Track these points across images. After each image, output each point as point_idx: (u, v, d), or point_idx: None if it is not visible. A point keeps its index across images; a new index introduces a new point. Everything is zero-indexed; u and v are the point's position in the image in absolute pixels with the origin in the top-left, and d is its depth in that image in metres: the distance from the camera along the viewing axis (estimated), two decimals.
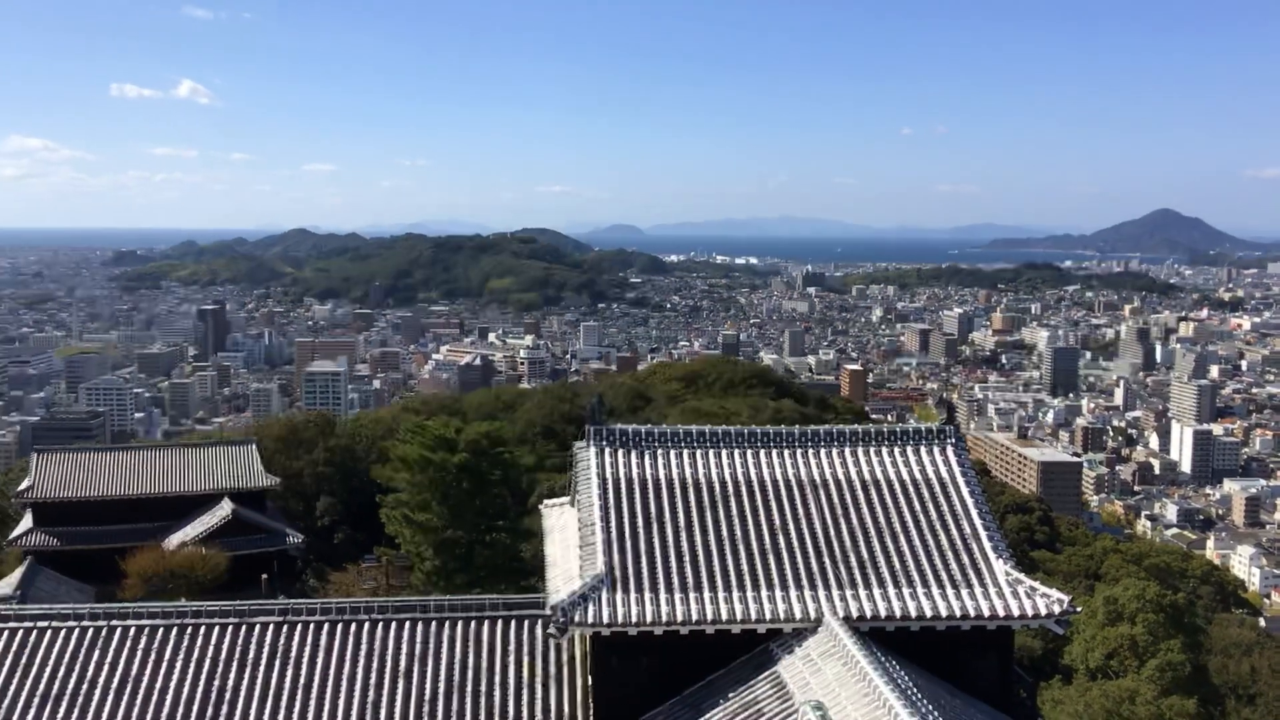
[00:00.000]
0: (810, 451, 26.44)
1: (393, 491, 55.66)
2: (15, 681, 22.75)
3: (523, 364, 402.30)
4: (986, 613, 22.29)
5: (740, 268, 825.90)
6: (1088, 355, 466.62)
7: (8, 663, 23.11)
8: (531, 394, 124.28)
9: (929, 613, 22.22)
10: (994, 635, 22.80)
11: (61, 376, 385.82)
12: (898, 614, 22.17)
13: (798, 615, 21.98)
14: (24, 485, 68.77)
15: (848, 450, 26.55)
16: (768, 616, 21.96)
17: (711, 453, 26.22)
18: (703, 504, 24.71)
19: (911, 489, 25.55)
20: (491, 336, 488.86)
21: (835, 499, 25.10)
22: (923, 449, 26.68)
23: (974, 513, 24.86)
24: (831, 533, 24.14)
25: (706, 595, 22.30)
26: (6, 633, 23.80)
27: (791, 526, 24.23)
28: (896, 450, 26.63)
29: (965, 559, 23.68)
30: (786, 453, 26.38)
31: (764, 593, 22.50)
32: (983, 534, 24.24)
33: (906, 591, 22.72)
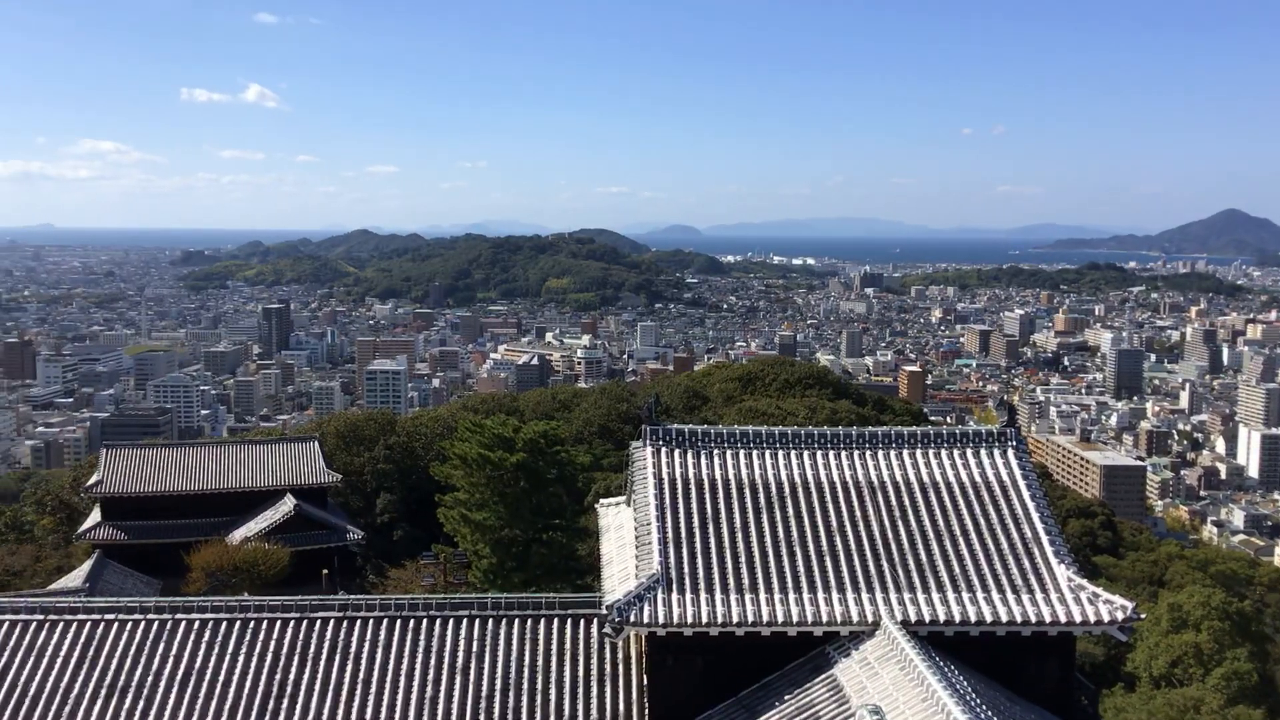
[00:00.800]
0: (868, 453, 26.24)
1: (451, 490, 56.07)
2: (83, 673, 23.27)
3: (579, 363, 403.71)
4: (1048, 618, 21.95)
5: (797, 268, 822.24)
6: (1152, 358, 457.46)
7: (76, 654, 23.65)
8: (588, 393, 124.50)
9: (989, 618, 21.94)
10: (1055, 641, 22.44)
11: (130, 374, 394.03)
12: (957, 618, 21.92)
13: (855, 618, 21.82)
14: (93, 480, 70.16)
15: (906, 452, 26.30)
16: (824, 619, 21.83)
17: (768, 453, 26.11)
18: (759, 505, 24.62)
19: (971, 492, 25.24)
20: (549, 336, 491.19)
21: (894, 501, 24.88)
22: (983, 451, 26.35)
23: (1035, 516, 24.50)
24: (890, 535, 23.93)
25: (763, 597, 22.22)
26: (75, 625, 24.35)
27: (849, 529, 24.06)
28: (956, 452, 26.33)
29: (1026, 563, 23.34)
30: (844, 454, 26.19)
31: (820, 595, 22.36)
32: (1044, 538, 23.88)
33: (966, 596, 22.45)
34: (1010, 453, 26.23)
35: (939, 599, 22.36)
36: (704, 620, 21.64)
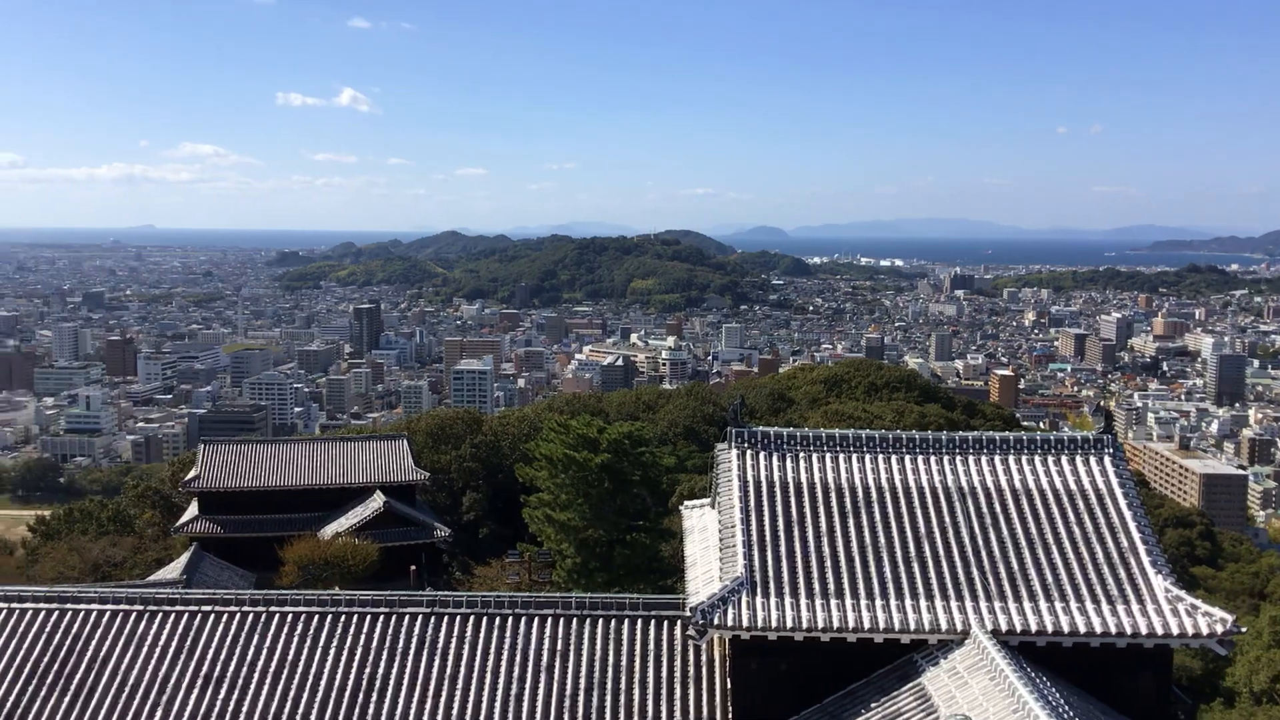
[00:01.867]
0: (958, 458, 25.79)
1: (536, 490, 56.53)
2: (181, 663, 23.93)
3: (664, 365, 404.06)
4: (1144, 630, 21.35)
5: (885, 270, 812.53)
6: (1255, 363, 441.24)
7: (174, 644, 24.33)
8: (672, 395, 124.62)
9: (1082, 629, 21.40)
10: (1151, 654, 21.81)
11: (227, 371, 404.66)
12: (1049, 629, 21.43)
13: (944, 626, 21.46)
14: (191, 475, 72.07)
15: (998, 458, 25.80)
16: (912, 627, 21.52)
17: (855, 457, 25.82)
18: (845, 509, 24.36)
19: (1066, 500, 24.67)
20: (634, 337, 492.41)
21: (985, 508, 24.42)
22: (1078, 458, 25.73)
23: (1132, 526, 23.85)
24: (980, 543, 23.49)
25: (849, 602, 21.97)
26: (173, 616, 25.06)
27: (938, 535, 23.68)
28: (1050, 459, 25.75)
29: (1122, 573, 22.73)
30: (933, 459, 25.79)
31: (908, 602, 22.04)
32: (1141, 548, 23.23)
33: (1059, 606, 21.94)
34: (1107, 460, 25.58)
35: (1031, 608, 21.89)
36: (788, 625, 21.48)
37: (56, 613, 25.20)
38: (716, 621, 21.53)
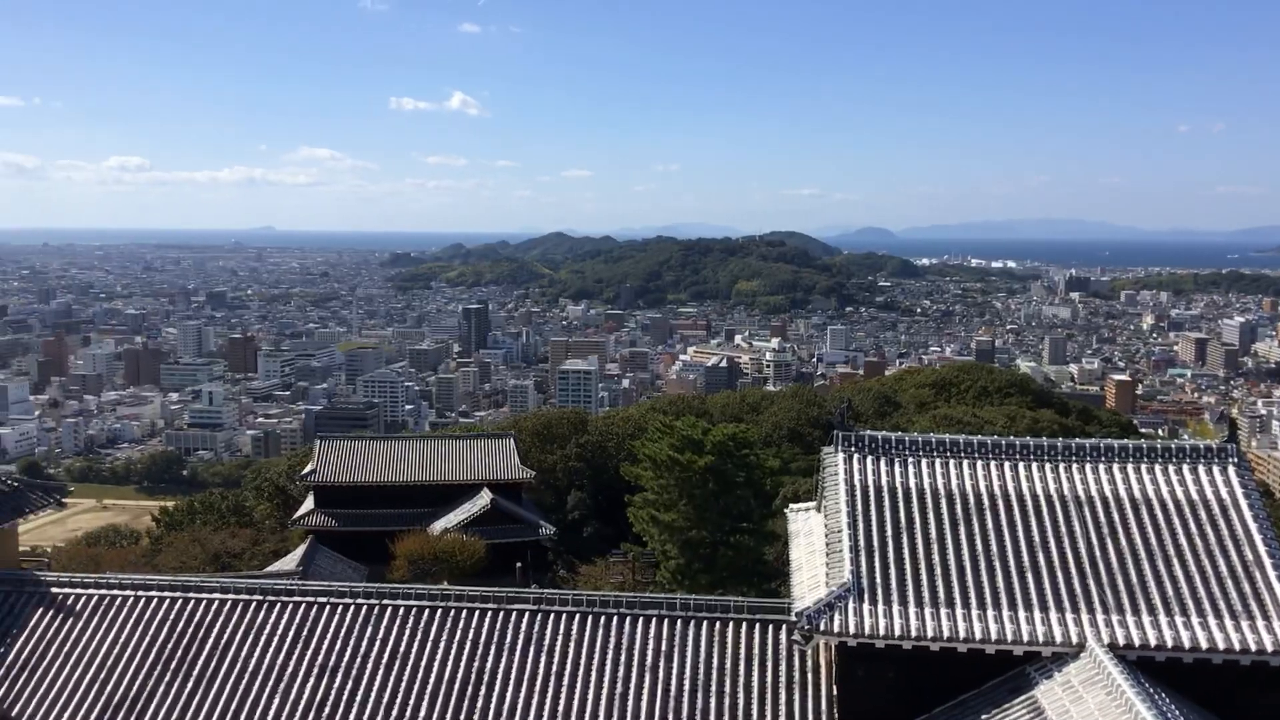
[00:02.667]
0: (1074, 465, 25.12)
1: (640, 490, 56.76)
2: (297, 652, 24.74)
3: (768, 366, 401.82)
4: (1270, 647, 20.51)
5: (996, 271, 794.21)
6: None
7: (290, 634, 25.15)
8: (777, 397, 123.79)
9: (1204, 644, 20.66)
10: (1277, 672, 20.93)
11: (342, 369, 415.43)
12: (1169, 644, 20.73)
13: (1058, 639, 20.93)
14: (307, 469, 74.15)
15: (1115, 466, 25.05)
16: (1025, 638, 21.03)
17: (965, 463, 25.35)
18: (956, 516, 23.93)
19: (1187, 510, 23.83)
20: (738, 338, 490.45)
21: (1102, 517, 23.74)
22: (1200, 467, 24.83)
23: (1257, 538, 22.92)
24: (1097, 553, 22.84)
25: (959, 612, 21.58)
26: (290, 606, 25.89)
27: (1053, 545, 23.10)
28: (1171, 468, 24.90)
29: (1246, 587, 21.87)
30: (1048, 466, 25.17)
31: (1021, 613, 21.54)
32: (1267, 561, 22.31)
33: (1179, 620, 21.21)
34: (1230, 469, 24.63)
35: (1149, 622, 21.21)
36: (897, 632, 21.19)
37: (180, 601, 26.26)
38: (823, 627, 21.35)
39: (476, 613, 25.22)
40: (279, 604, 25.91)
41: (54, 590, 26.98)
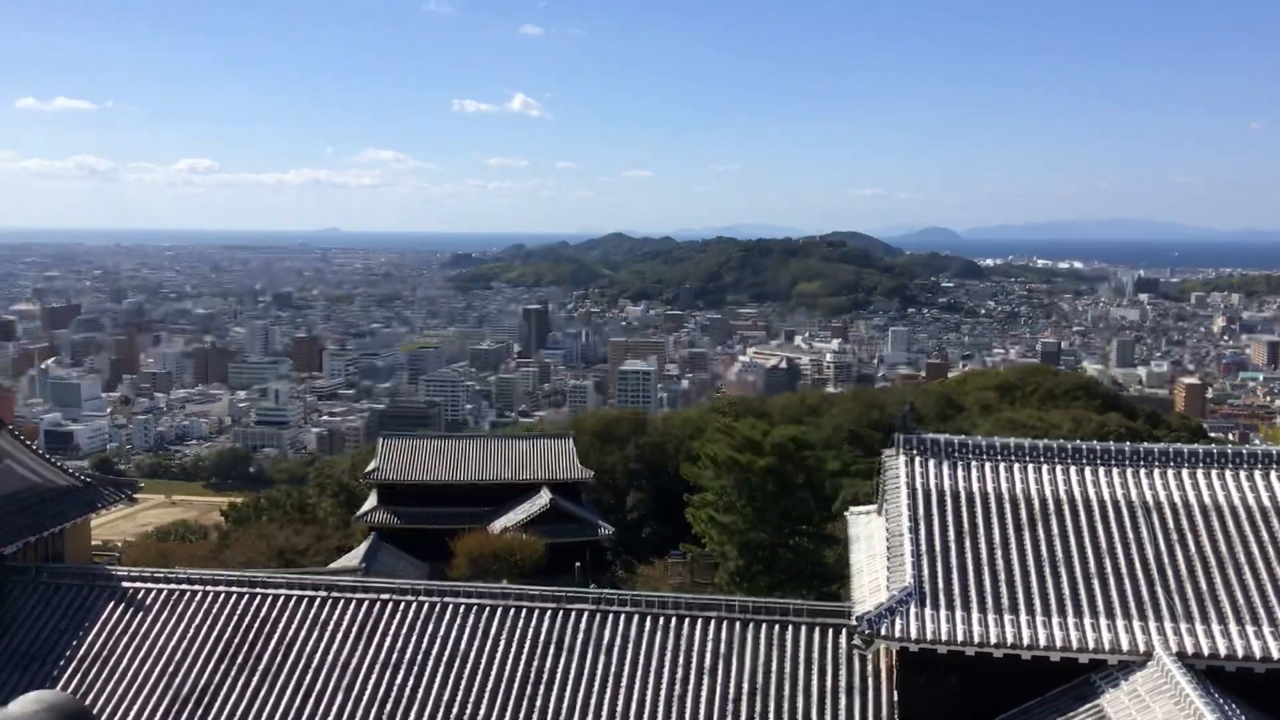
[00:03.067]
0: (1142, 470, 24.65)
1: (699, 490, 56.70)
2: (361, 648, 25.09)
3: (829, 368, 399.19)
4: None
5: (1063, 272, 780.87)
6: None
7: (354, 630, 25.51)
8: (838, 398, 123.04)
9: (1276, 654, 20.15)
10: None
11: (404, 369, 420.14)
12: (1240, 653, 20.25)
13: (1125, 647, 20.54)
14: (371, 467, 75.03)
15: (1185, 471, 24.54)
16: (1091, 646, 20.67)
17: (1030, 467, 24.99)
18: (1020, 521, 23.59)
19: (1259, 517, 23.27)
20: (798, 339, 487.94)
21: (1170, 523, 23.27)
22: (1272, 473, 24.25)
23: None
24: (1165, 560, 22.39)
25: (1023, 618, 21.27)
26: (354, 603, 26.26)
27: (1120, 551, 22.68)
28: (1242, 474, 24.34)
29: None
30: (1115, 471, 24.73)
31: (1087, 620, 21.19)
32: None
33: (1251, 630, 20.71)
34: None
35: (1220, 631, 20.74)
36: (959, 638, 20.94)
37: (246, 596, 26.74)
38: (884, 632, 21.16)
39: (536, 612, 25.38)
40: (342, 600, 26.28)
41: (125, 584, 27.64)
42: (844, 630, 23.96)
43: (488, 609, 25.59)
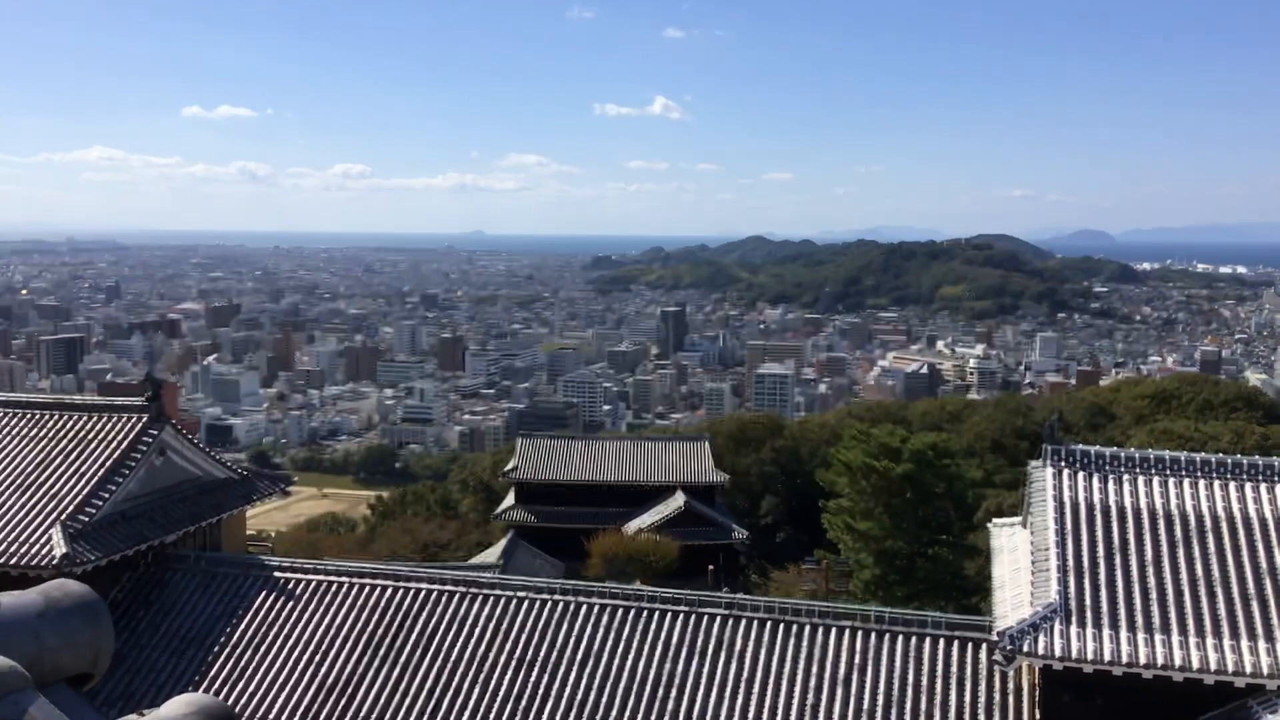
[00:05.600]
0: None
1: (835, 497, 55.99)
2: (497, 644, 25.56)
3: (972, 374, 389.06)
4: None
5: (1225, 277, 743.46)
6: None
7: (491, 626, 26.01)
8: (980, 405, 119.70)
9: None
10: None
11: (544, 369, 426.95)
12: None
13: None
14: (510, 466, 76.38)
15: None
16: (1249, 669, 19.62)
17: (1187, 481, 23.86)
18: (1174, 538, 22.55)
19: None
20: (940, 344, 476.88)
21: None
22: None
23: None
24: None
25: (1175, 639, 20.32)
26: (492, 599, 26.78)
27: None
28: None
29: None
30: (1278, 488, 23.41)
31: (1244, 643, 20.11)
32: None
33: None
34: None
35: None
36: (1107, 658, 20.13)
37: (390, 589, 27.56)
38: (1027, 649, 20.50)
39: (669, 615, 25.43)
40: (481, 596, 26.83)
41: (276, 574, 28.82)
42: (984, 645, 23.31)
43: (621, 610, 25.77)
